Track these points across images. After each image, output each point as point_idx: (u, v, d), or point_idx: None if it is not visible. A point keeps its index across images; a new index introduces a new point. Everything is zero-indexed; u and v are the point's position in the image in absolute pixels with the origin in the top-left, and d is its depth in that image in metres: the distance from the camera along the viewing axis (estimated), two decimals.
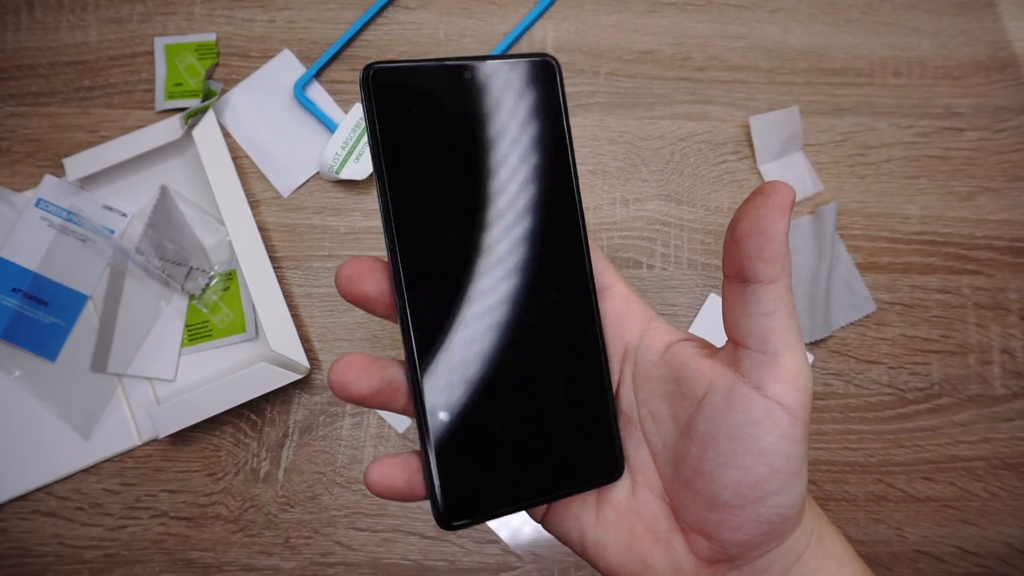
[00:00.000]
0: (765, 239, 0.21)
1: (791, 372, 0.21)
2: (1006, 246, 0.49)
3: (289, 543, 0.43)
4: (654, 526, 0.24)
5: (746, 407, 0.21)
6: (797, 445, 0.21)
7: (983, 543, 0.44)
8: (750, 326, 0.22)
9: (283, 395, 0.45)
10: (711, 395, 0.22)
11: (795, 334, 0.21)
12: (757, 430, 0.21)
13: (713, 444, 0.22)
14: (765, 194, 0.21)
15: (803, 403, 0.21)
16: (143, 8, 0.51)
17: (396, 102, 0.23)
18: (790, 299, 0.22)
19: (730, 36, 0.52)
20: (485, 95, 0.24)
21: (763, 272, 0.21)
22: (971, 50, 0.52)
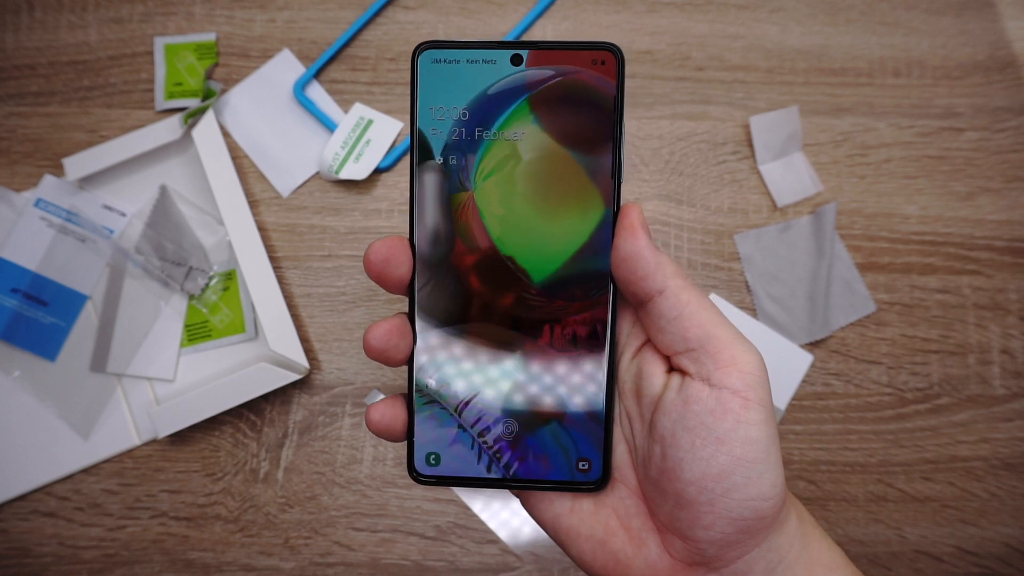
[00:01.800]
0: (630, 262, 0.22)
1: (727, 356, 0.21)
2: (1006, 246, 0.49)
3: (289, 543, 0.43)
4: (628, 523, 0.23)
5: (697, 398, 0.21)
6: (756, 428, 0.21)
7: (982, 543, 0.44)
8: (671, 335, 0.22)
9: (282, 395, 0.45)
10: (666, 392, 0.22)
11: (716, 321, 0.22)
12: (711, 418, 0.21)
13: (672, 440, 0.22)
14: (620, 219, 0.22)
15: (750, 383, 0.21)
16: (143, 8, 0.51)
17: (441, 83, 0.23)
18: (693, 294, 0.22)
19: (730, 36, 0.52)
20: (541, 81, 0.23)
21: (646, 289, 0.22)
22: (970, 50, 0.52)
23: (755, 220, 0.49)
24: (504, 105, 0.23)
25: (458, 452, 0.23)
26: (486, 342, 0.23)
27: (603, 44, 0.23)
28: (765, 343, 0.46)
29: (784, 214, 0.49)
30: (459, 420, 0.23)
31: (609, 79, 0.23)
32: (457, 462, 0.23)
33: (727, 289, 0.48)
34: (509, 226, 0.23)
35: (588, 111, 0.23)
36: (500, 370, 0.23)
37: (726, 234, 0.49)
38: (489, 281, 0.23)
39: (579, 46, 0.23)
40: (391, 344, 0.23)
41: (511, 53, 0.23)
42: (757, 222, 0.49)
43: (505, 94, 0.23)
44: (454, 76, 0.23)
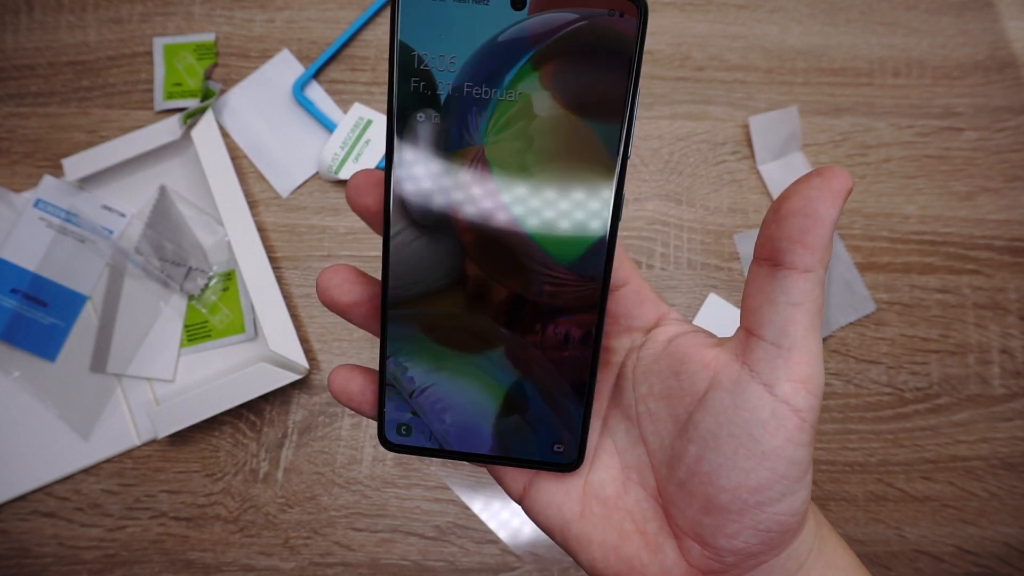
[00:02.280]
0: (811, 222, 0.19)
1: (805, 371, 0.19)
2: (1005, 246, 0.49)
3: (288, 543, 0.43)
4: (644, 527, 0.22)
5: (752, 404, 0.20)
6: (803, 450, 0.20)
7: (982, 543, 0.44)
8: (772, 314, 0.20)
9: (282, 395, 0.45)
10: (714, 390, 0.21)
11: (818, 332, 0.20)
12: (761, 431, 0.19)
13: (714, 443, 0.20)
14: (822, 176, 0.19)
15: (813, 406, 0.20)
16: (142, 8, 0.51)
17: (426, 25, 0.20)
18: (821, 295, 0.20)
19: (730, 36, 0.52)
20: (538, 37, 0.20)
21: (801, 258, 0.19)
22: (970, 50, 0.52)
23: (755, 220, 0.49)
24: (502, 60, 0.20)
25: (431, 425, 0.23)
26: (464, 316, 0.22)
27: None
28: None
29: None
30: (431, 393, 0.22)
31: (628, 33, 0.20)
32: (429, 433, 0.23)
33: (727, 289, 0.48)
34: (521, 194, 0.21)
35: (599, 71, 0.20)
36: (478, 346, 0.22)
37: (726, 234, 0.49)
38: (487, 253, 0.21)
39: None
40: (333, 284, 0.22)
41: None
42: (757, 222, 0.49)
43: (504, 45, 0.20)
44: (442, 17, 0.20)
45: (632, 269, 0.24)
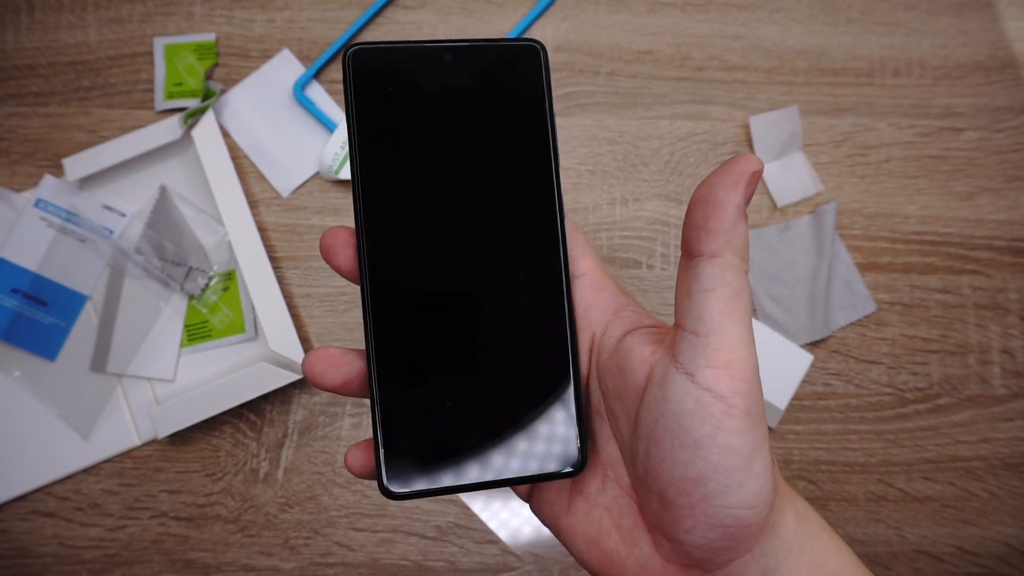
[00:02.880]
0: (712, 208, 0.19)
1: (724, 356, 0.19)
2: (1006, 246, 0.49)
3: (289, 543, 0.43)
4: (620, 522, 0.23)
5: (677, 395, 0.20)
6: (738, 437, 0.19)
7: (982, 543, 0.44)
8: (689, 304, 0.20)
9: (282, 395, 0.45)
10: (650, 385, 0.21)
11: (736, 316, 0.20)
12: (688, 420, 0.19)
13: (653, 438, 0.20)
14: (728, 162, 0.20)
15: (739, 390, 0.19)
16: (143, 8, 0.51)
17: (375, 84, 0.23)
18: (738, 280, 0.20)
19: (730, 36, 0.52)
20: (465, 78, 0.23)
21: (706, 244, 0.20)
22: (970, 50, 0.52)
23: (755, 220, 0.49)
24: (433, 108, 0.23)
25: (430, 464, 0.23)
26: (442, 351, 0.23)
27: (526, 40, 0.24)
28: (765, 343, 0.46)
29: (784, 214, 0.49)
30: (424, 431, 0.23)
31: (534, 76, 0.24)
32: (430, 473, 0.23)
33: None
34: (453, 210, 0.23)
35: (517, 109, 0.23)
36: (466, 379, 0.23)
37: None
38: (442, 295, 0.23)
39: (500, 43, 0.24)
40: (317, 371, 0.23)
41: (438, 52, 0.23)
42: (757, 222, 0.49)
43: (432, 95, 0.23)
44: (387, 77, 0.23)
45: (593, 262, 0.25)
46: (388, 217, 0.23)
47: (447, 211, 0.23)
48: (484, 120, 0.23)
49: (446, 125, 0.23)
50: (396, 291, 0.23)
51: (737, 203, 0.19)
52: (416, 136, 0.23)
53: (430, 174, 0.23)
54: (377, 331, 0.23)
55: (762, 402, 0.20)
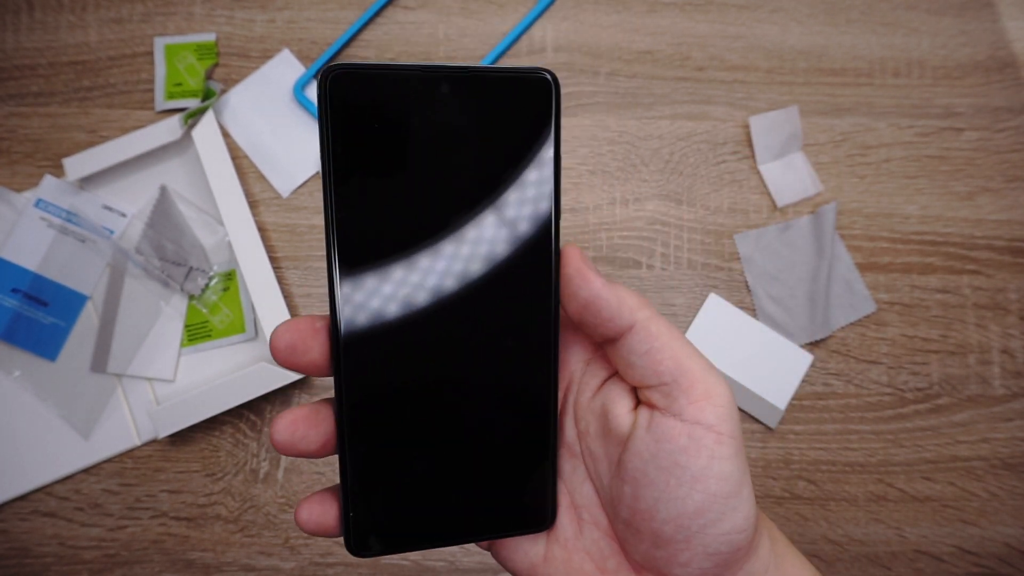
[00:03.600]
0: (592, 307, 0.21)
1: (700, 389, 0.20)
2: (1005, 246, 0.49)
3: (289, 543, 0.43)
4: (604, 565, 0.23)
5: (669, 436, 0.20)
6: (729, 463, 0.20)
7: (982, 543, 0.44)
8: (639, 371, 0.21)
9: (282, 395, 0.45)
10: (636, 432, 0.21)
11: (686, 353, 0.21)
12: (684, 456, 0.20)
13: (644, 480, 0.21)
14: (563, 268, 0.21)
15: (723, 416, 0.20)
16: (143, 8, 0.51)
17: (358, 115, 0.20)
18: (663, 326, 0.21)
19: (730, 36, 0.52)
20: (463, 114, 0.20)
21: (614, 329, 0.21)
22: (970, 50, 0.52)
23: (755, 220, 0.49)
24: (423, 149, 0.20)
25: (400, 521, 0.22)
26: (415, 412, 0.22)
27: (534, 71, 0.21)
28: (765, 343, 0.46)
29: (784, 214, 0.49)
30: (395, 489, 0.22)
31: (543, 107, 0.21)
32: (401, 531, 0.22)
33: (727, 289, 0.48)
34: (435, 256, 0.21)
35: (521, 142, 0.21)
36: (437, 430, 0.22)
37: (726, 234, 0.49)
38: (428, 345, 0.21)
39: (509, 73, 0.21)
40: (298, 436, 0.21)
41: (433, 81, 0.20)
42: (757, 222, 0.49)
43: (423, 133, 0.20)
44: (371, 108, 0.20)
45: None
46: (362, 260, 0.21)
47: (431, 270, 0.21)
48: (480, 166, 0.21)
49: (437, 171, 0.21)
50: (370, 355, 0.21)
51: (602, 285, 0.21)
52: (402, 181, 0.20)
53: (415, 226, 0.21)
54: (348, 394, 0.21)
55: (740, 427, 0.21)
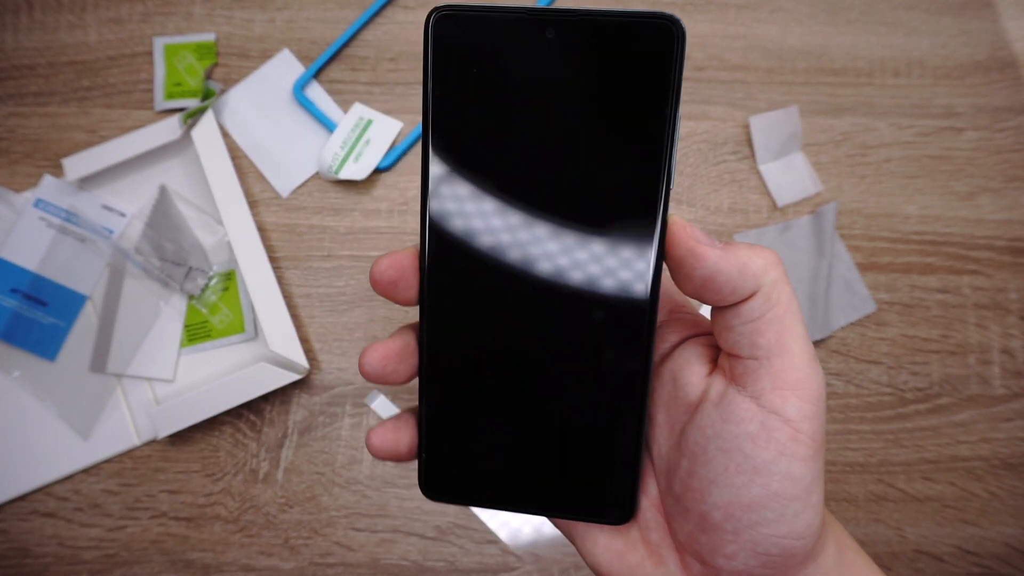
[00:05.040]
0: (713, 284, 0.19)
1: (792, 377, 0.18)
2: (1006, 246, 0.49)
3: (288, 543, 0.43)
4: (647, 536, 0.21)
5: (739, 417, 0.19)
6: (801, 465, 0.18)
7: (983, 543, 0.44)
8: (735, 335, 0.19)
9: (282, 395, 0.45)
10: (705, 403, 0.20)
11: (795, 333, 0.19)
12: (751, 445, 0.18)
13: (703, 458, 0.19)
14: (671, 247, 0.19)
15: (808, 413, 0.18)
16: (142, 8, 0.51)
17: (460, 57, 0.19)
18: (784, 293, 0.19)
19: (730, 36, 0.52)
20: (571, 61, 0.19)
21: (737, 299, 0.19)
22: (970, 50, 0.52)
23: (755, 220, 0.49)
24: (532, 88, 0.19)
25: (474, 474, 0.22)
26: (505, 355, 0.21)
27: (655, 16, 0.19)
28: None
29: (784, 214, 0.49)
30: (472, 441, 0.21)
31: (662, 58, 0.19)
32: (472, 483, 0.22)
33: None
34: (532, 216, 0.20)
35: (634, 98, 0.19)
36: (520, 393, 0.21)
37: (726, 234, 0.49)
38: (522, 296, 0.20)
39: (624, 17, 0.19)
40: (388, 370, 0.21)
41: (542, 22, 0.19)
42: (757, 222, 0.49)
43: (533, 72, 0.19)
44: (476, 48, 0.19)
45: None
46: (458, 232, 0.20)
47: (527, 227, 0.20)
48: (585, 121, 0.19)
49: (539, 123, 0.20)
50: (459, 304, 0.21)
51: (719, 256, 0.19)
52: (502, 132, 0.20)
53: (512, 180, 0.20)
54: (432, 339, 0.21)
55: (824, 430, 0.19)
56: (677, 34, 0.19)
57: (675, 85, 0.19)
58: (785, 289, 0.19)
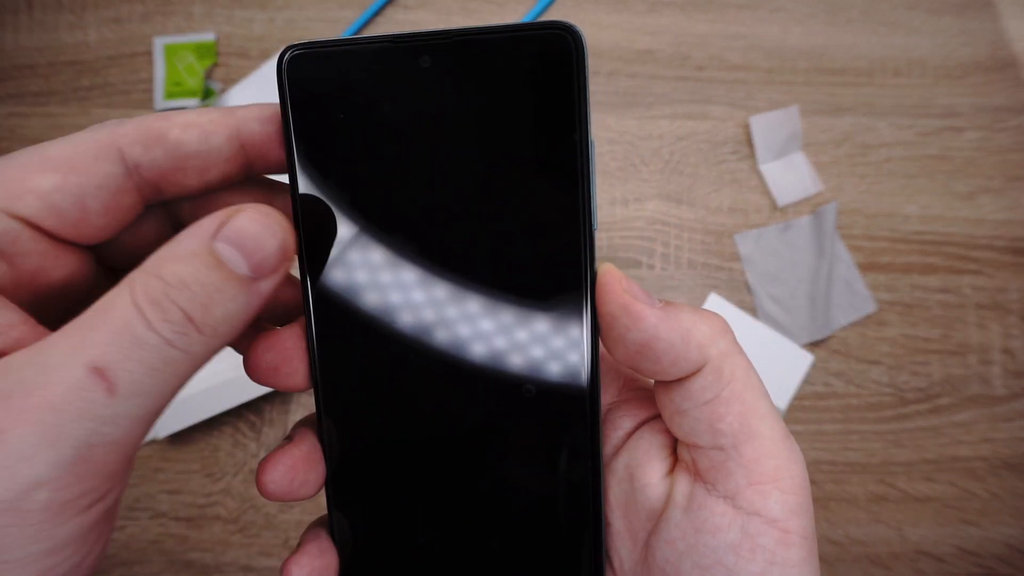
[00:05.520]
0: (649, 352, 0.16)
1: (769, 466, 0.15)
2: (1006, 246, 0.49)
3: (288, 544, 0.43)
4: None
5: (714, 524, 0.16)
6: (795, 572, 0.15)
7: (983, 543, 0.44)
8: (690, 422, 0.16)
9: (282, 396, 0.45)
10: (671, 509, 0.16)
11: (760, 412, 0.16)
12: (733, 557, 0.15)
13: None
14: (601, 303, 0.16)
15: (794, 507, 0.15)
16: (142, 8, 0.51)
17: (323, 101, 0.16)
18: (736, 366, 0.16)
19: (730, 36, 0.52)
20: (453, 91, 0.16)
21: (677, 374, 0.16)
22: (971, 50, 0.52)
23: (755, 220, 0.49)
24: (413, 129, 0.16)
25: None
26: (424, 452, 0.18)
27: (550, 25, 0.16)
28: (765, 343, 0.46)
29: (784, 214, 0.49)
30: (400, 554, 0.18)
31: (559, 76, 0.16)
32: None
33: (727, 289, 0.48)
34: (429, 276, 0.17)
35: (534, 126, 0.16)
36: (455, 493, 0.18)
37: (726, 234, 0.48)
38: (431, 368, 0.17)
39: (506, 32, 0.16)
40: (296, 484, 0.17)
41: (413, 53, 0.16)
42: (757, 222, 0.49)
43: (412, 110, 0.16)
44: (340, 89, 0.16)
45: None
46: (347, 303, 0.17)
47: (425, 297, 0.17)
48: (480, 161, 0.16)
49: (425, 171, 0.16)
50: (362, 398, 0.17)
51: (658, 319, 0.16)
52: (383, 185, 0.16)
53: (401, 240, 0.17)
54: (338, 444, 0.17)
55: (813, 521, 0.16)
56: (575, 44, 0.16)
57: (581, 104, 0.16)
58: (739, 361, 0.16)
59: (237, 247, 0.14)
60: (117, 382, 0.13)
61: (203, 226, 0.14)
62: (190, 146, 0.16)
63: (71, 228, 0.15)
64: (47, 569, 0.13)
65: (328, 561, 0.18)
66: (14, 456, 0.12)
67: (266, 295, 0.15)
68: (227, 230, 0.14)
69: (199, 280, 0.14)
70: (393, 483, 0.18)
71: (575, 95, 0.16)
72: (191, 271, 0.14)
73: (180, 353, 0.14)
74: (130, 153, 0.16)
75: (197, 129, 0.16)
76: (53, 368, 0.13)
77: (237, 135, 0.17)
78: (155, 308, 0.13)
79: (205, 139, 0.16)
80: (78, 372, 0.13)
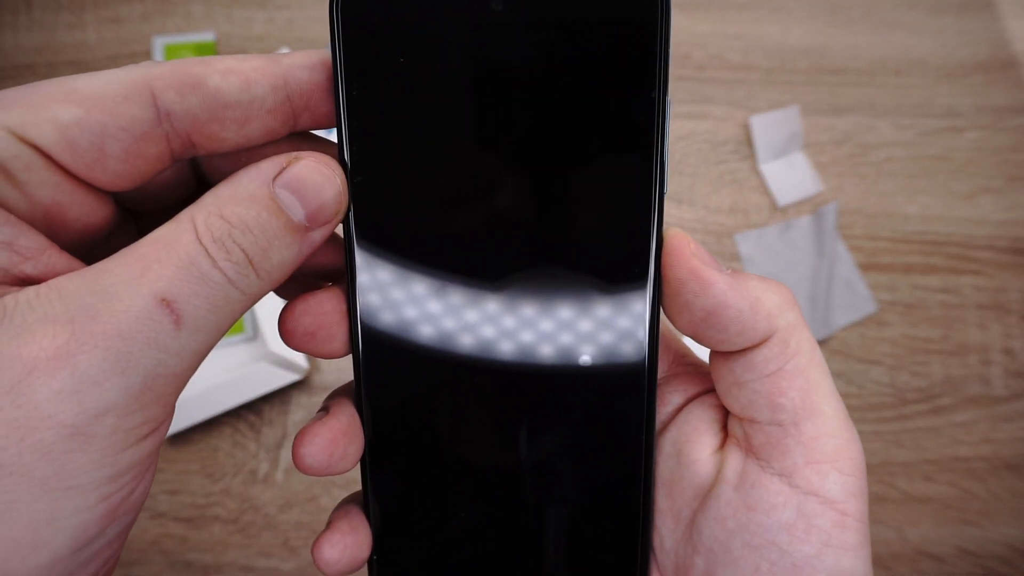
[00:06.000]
0: (715, 320, 0.15)
1: (829, 446, 0.15)
2: (1007, 246, 0.49)
3: (288, 544, 0.43)
4: None
5: (768, 503, 0.15)
6: (851, 557, 0.15)
7: (984, 543, 0.44)
8: (748, 394, 0.16)
9: (282, 396, 0.45)
10: (720, 486, 0.16)
11: (824, 390, 0.16)
12: (786, 536, 0.15)
13: (726, 556, 0.15)
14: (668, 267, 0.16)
15: (853, 489, 0.15)
16: (142, 8, 0.51)
17: (381, 45, 0.15)
18: (802, 339, 0.15)
19: (730, 35, 0.52)
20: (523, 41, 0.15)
21: (744, 343, 0.15)
22: (971, 50, 0.52)
23: (756, 220, 0.49)
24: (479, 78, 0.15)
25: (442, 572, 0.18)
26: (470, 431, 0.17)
27: None
28: None
29: (785, 214, 0.49)
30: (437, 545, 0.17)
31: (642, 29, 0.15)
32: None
33: None
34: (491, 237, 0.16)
35: (610, 81, 0.15)
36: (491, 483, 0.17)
37: (727, 234, 0.48)
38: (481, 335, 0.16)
39: None
40: (336, 458, 0.17)
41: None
42: (758, 222, 0.49)
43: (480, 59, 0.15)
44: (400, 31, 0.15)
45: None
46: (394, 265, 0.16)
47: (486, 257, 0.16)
48: (550, 114, 0.15)
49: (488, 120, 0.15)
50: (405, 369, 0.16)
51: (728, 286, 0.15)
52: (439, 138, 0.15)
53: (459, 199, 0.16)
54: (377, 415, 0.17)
55: (867, 503, 0.16)
56: (661, 5, 0.15)
57: (663, 59, 0.15)
58: (805, 335, 0.16)
59: (296, 194, 0.14)
60: (183, 315, 0.13)
61: (263, 169, 0.14)
62: (230, 95, 0.15)
63: (86, 168, 0.15)
64: (108, 495, 0.14)
65: (360, 538, 0.17)
66: (85, 380, 0.12)
67: (316, 245, 0.15)
68: (287, 176, 0.14)
69: (260, 224, 0.14)
70: (434, 457, 0.17)
71: (658, 49, 0.15)
72: (253, 215, 0.14)
73: (239, 293, 0.14)
74: (163, 98, 0.15)
75: (239, 76, 0.15)
76: (117, 296, 0.13)
77: (283, 84, 0.15)
78: (219, 247, 0.14)
79: (247, 88, 0.15)
80: (147, 302, 0.13)
